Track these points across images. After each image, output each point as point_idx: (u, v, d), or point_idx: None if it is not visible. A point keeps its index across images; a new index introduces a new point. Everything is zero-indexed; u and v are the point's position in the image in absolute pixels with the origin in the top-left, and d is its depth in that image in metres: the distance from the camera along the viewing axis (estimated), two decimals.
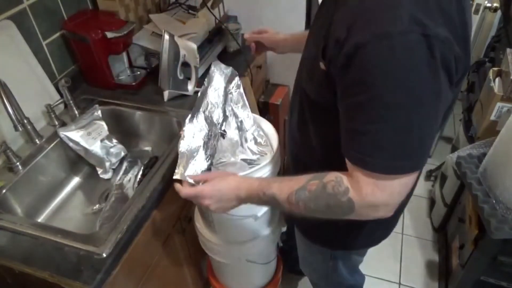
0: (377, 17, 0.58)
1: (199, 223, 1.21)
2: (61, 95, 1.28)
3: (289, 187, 0.75)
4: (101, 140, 1.26)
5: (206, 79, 1.05)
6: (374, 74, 0.59)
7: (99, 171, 1.27)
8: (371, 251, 1.17)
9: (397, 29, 0.56)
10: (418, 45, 0.56)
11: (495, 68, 1.44)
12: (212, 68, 1.07)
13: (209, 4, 1.49)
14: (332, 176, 0.71)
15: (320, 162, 0.84)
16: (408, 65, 0.57)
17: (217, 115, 1.04)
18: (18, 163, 1.11)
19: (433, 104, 0.61)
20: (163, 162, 1.11)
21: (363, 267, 1.29)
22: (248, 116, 1.12)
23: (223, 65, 1.10)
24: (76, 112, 1.29)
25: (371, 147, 0.64)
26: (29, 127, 1.15)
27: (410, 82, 0.58)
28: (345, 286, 1.23)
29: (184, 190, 0.86)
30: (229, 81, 1.10)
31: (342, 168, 0.71)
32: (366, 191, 0.67)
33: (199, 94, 1.03)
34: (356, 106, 0.63)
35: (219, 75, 1.08)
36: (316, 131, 0.84)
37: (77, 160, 1.29)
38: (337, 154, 0.71)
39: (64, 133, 1.20)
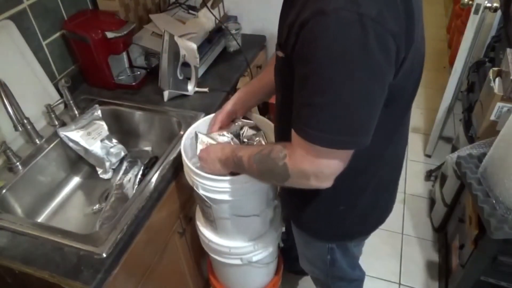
0: None
1: (200, 223, 1.21)
2: (61, 95, 1.28)
3: (251, 151, 0.84)
4: (101, 140, 1.26)
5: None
6: (312, 49, 0.62)
7: (99, 171, 1.27)
8: (371, 251, 1.17)
9: (332, 6, 0.59)
10: (351, 23, 0.59)
11: (495, 68, 1.44)
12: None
13: (209, 4, 1.49)
14: (280, 144, 0.77)
15: None
16: (341, 41, 0.60)
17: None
18: (18, 163, 1.11)
19: (367, 82, 0.63)
20: (163, 162, 1.11)
21: (362, 267, 1.30)
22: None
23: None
24: (76, 112, 1.29)
25: (309, 119, 0.67)
26: (29, 127, 1.15)
27: (344, 58, 0.61)
28: (346, 280, 1.23)
29: None
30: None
31: None
32: (298, 158, 0.72)
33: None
34: (299, 79, 0.68)
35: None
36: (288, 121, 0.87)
37: (77, 160, 1.29)
38: None
39: (64, 133, 1.20)
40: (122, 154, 1.31)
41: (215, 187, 0.97)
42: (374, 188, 0.94)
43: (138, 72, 1.47)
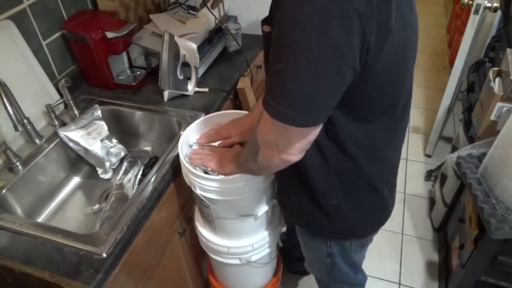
0: None
1: (199, 223, 1.21)
2: (61, 95, 1.28)
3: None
4: (101, 140, 1.26)
5: None
6: (280, 15, 0.63)
7: (99, 171, 1.28)
8: (371, 251, 1.17)
9: None
10: None
11: (495, 68, 1.44)
12: None
13: (209, 4, 1.49)
14: None
15: None
16: (304, 10, 0.59)
17: None
18: (18, 163, 1.11)
19: (321, 57, 0.61)
20: (163, 162, 1.11)
21: (362, 267, 1.30)
22: None
23: None
24: (76, 112, 1.29)
25: (270, 87, 0.68)
26: (29, 127, 1.15)
27: (302, 27, 0.60)
28: (348, 284, 1.23)
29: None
30: None
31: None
32: (261, 124, 0.74)
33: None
34: (271, 46, 0.67)
35: None
36: None
37: (77, 160, 1.29)
38: None
39: (64, 133, 1.20)
40: (122, 154, 1.31)
41: (212, 187, 0.97)
42: (373, 192, 0.93)
43: (138, 72, 1.47)
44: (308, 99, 0.65)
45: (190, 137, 1.12)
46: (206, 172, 1.03)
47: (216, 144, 1.12)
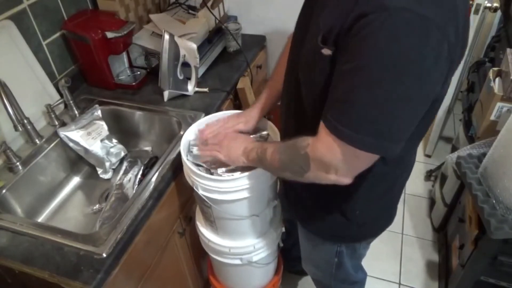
0: None
1: (200, 223, 1.21)
2: (61, 95, 1.28)
3: (278, 144, 0.84)
4: (101, 140, 1.26)
5: None
6: (365, 44, 0.59)
7: (99, 171, 1.28)
8: (371, 250, 1.17)
9: (396, 4, 0.56)
10: (413, 25, 0.56)
11: (495, 68, 1.44)
12: None
13: (209, 4, 1.49)
14: (306, 136, 0.75)
15: None
16: (399, 43, 0.57)
17: None
18: (18, 163, 1.11)
19: (414, 90, 0.60)
20: (163, 162, 1.11)
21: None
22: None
23: None
24: (76, 112, 1.29)
25: (344, 115, 0.65)
26: (29, 127, 1.15)
27: (397, 61, 0.58)
28: (349, 282, 1.23)
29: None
30: None
31: None
32: (322, 149, 0.70)
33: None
34: (342, 73, 0.64)
35: None
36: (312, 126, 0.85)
37: (77, 160, 1.29)
38: None
39: (64, 133, 1.20)
40: (122, 154, 1.31)
41: (215, 187, 0.97)
42: (390, 193, 0.94)
43: (138, 72, 1.47)
44: (397, 129, 0.64)
45: (192, 138, 1.12)
46: (209, 172, 1.03)
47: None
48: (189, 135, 1.11)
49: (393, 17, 0.56)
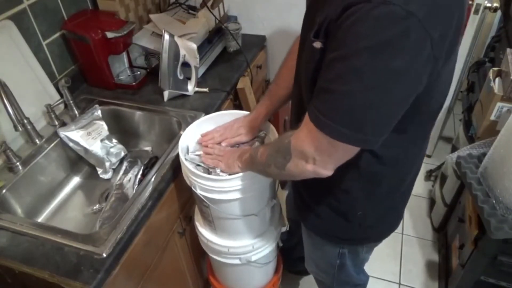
0: None
1: (199, 223, 1.21)
2: (61, 95, 1.28)
3: (269, 144, 0.86)
4: (101, 140, 1.26)
5: None
6: (348, 35, 0.59)
7: (99, 171, 1.28)
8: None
9: None
10: (397, 18, 0.56)
11: (495, 68, 1.44)
12: None
13: (209, 4, 1.49)
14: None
15: None
16: (381, 35, 0.57)
17: None
18: (18, 163, 1.11)
19: (393, 83, 0.61)
20: (163, 162, 1.11)
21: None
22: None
23: None
24: (76, 112, 1.29)
25: (323, 104, 0.66)
26: (29, 127, 1.15)
27: (377, 52, 0.58)
28: (351, 285, 1.23)
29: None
30: None
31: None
32: (301, 138, 0.72)
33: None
34: (327, 63, 0.64)
35: None
36: None
37: (77, 160, 1.29)
38: None
39: (64, 133, 1.20)
40: (122, 154, 1.31)
41: (213, 187, 0.97)
42: (393, 195, 0.94)
43: (138, 72, 1.47)
44: (375, 121, 0.65)
45: (190, 138, 1.12)
46: (207, 172, 1.03)
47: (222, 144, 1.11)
48: (188, 135, 1.11)
49: (378, 8, 0.56)
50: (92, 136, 1.24)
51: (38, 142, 1.19)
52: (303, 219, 1.08)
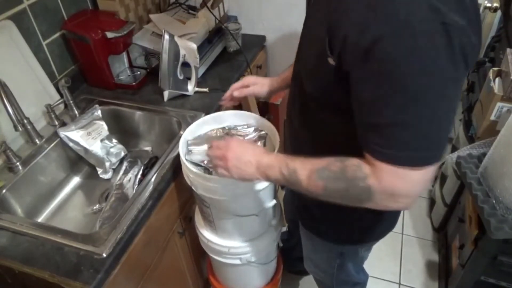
0: (394, 6, 0.56)
1: (199, 223, 1.21)
2: (61, 95, 1.28)
3: (312, 164, 0.74)
4: (101, 140, 1.26)
5: None
6: (396, 65, 0.58)
7: (99, 171, 1.28)
8: (371, 250, 1.17)
9: (416, 18, 0.55)
10: (437, 34, 0.55)
11: (495, 68, 1.44)
12: None
13: (209, 4, 1.49)
14: (354, 161, 0.70)
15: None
16: (429, 54, 0.56)
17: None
18: (18, 163, 1.11)
19: (454, 94, 0.61)
20: (163, 162, 1.11)
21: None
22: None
23: None
24: (76, 112, 1.29)
25: (395, 140, 0.63)
26: (29, 127, 1.15)
27: (432, 72, 0.57)
28: (350, 284, 1.23)
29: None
30: None
31: None
32: (386, 180, 0.66)
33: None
34: (377, 99, 0.62)
35: None
36: (322, 129, 0.83)
37: (77, 160, 1.29)
38: (343, 150, 0.71)
39: (64, 133, 1.20)
40: (122, 154, 1.31)
41: (213, 187, 0.97)
42: None
43: (138, 72, 1.47)
44: (446, 133, 0.65)
45: (191, 137, 1.12)
46: (208, 172, 1.03)
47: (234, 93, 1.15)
48: (188, 135, 1.11)
49: (414, 31, 0.55)
50: (92, 136, 1.24)
51: (38, 142, 1.19)
52: (302, 220, 1.08)
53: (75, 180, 1.29)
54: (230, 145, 0.85)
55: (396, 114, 0.61)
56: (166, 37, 1.25)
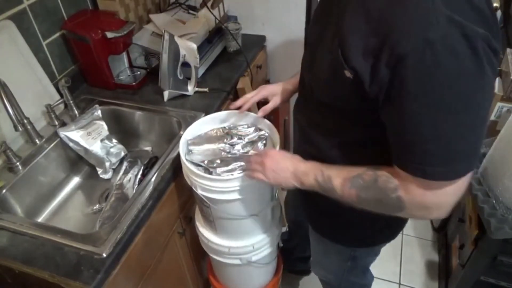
0: (413, 24, 0.57)
1: (199, 223, 1.21)
2: (61, 95, 1.28)
3: (347, 172, 0.75)
4: (101, 140, 1.26)
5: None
6: (423, 83, 0.58)
7: (99, 171, 1.27)
8: None
9: (438, 33, 0.55)
10: (460, 46, 0.55)
11: None
12: None
13: (209, 4, 1.49)
14: (384, 171, 0.71)
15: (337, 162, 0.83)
16: (455, 68, 0.56)
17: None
18: (18, 163, 1.11)
19: (484, 102, 0.61)
20: (163, 162, 1.11)
21: None
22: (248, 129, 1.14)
23: None
24: (76, 112, 1.29)
25: (430, 157, 0.63)
26: (29, 127, 1.15)
27: (461, 84, 0.57)
28: (357, 286, 1.23)
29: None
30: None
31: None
32: (418, 194, 0.67)
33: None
34: (409, 117, 0.62)
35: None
36: (335, 134, 0.83)
37: (77, 160, 1.29)
38: (353, 154, 0.71)
39: (64, 133, 1.20)
40: (122, 154, 1.31)
41: (213, 187, 0.97)
42: None
43: (138, 72, 1.47)
44: (478, 143, 0.64)
45: (191, 138, 1.12)
46: (208, 172, 1.03)
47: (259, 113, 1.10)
48: (188, 135, 1.11)
49: (438, 47, 0.55)
50: (92, 136, 1.24)
51: (38, 142, 1.19)
52: (313, 224, 1.07)
53: (75, 180, 1.29)
54: (269, 153, 0.89)
55: (428, 131, 0.61)
56: (166, 37, 1.25)
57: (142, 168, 1.23)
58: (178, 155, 1.06)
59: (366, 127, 0.76)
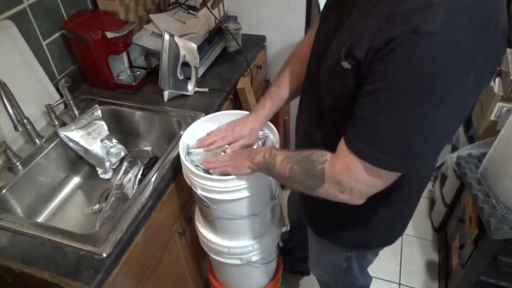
0: (411, 15, 0.57)
1: (199, 223, 1.21)
2: (61, 95, 1.28)
3: (289, 153, 0.80)
4: (101, 140, 1.26)
5: None
6: (395, 66, 0.59)
7: (99, 171, 1.28)
8: None
9: (427, 28, 0.55)
10: (445, 50, 0.55)
11: None
12: None
13: (209, 4, 1.49)
14: (323, 150, 0.74)
15: None
16: (429, 68, 0.57)
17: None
18: (18, 163, 1.11)
19: (443, 114, 0.60)
20: (163, 162, 1.11)
21: None
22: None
23: None
24: (76, 112, 1.29)
25: (366, 134, 0.65)
26: (29, 127, 1.15)
27: (427, 85, 0.57)
28: (355, 286, 1.23)
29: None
30: None
31: None
32: (339, 167, 0.69)
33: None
34: (369, 93, 0.64)
35: None
36: (339, 135, 0.83)
37: (77, 160, 1.29)
38: None
39: (64, 133, 1.20)
40: (122, 154, 1.31)
41: (213, 187, 0.97)
42: (411, 200, 0.93)
43: (138, 72, 1.47)
44: (424, 149, 0.64)
45: (191, 138, 1.12)
46: (207, 172, 1.03)
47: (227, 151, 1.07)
48: (188, 135, 1.11)
49: (424, 41, 0.55)
50: (92, 136, 1.24)
51: (38, 142, 1.19)
52: (311, 224, 1.08)
53: (75, 180, 1.29)
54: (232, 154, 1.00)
55: (376, 111, 0.62)
56: (166, 37, 1.25)
57: (142, 168, 1.23)
58: (178, 155, 1.06)
59: None
